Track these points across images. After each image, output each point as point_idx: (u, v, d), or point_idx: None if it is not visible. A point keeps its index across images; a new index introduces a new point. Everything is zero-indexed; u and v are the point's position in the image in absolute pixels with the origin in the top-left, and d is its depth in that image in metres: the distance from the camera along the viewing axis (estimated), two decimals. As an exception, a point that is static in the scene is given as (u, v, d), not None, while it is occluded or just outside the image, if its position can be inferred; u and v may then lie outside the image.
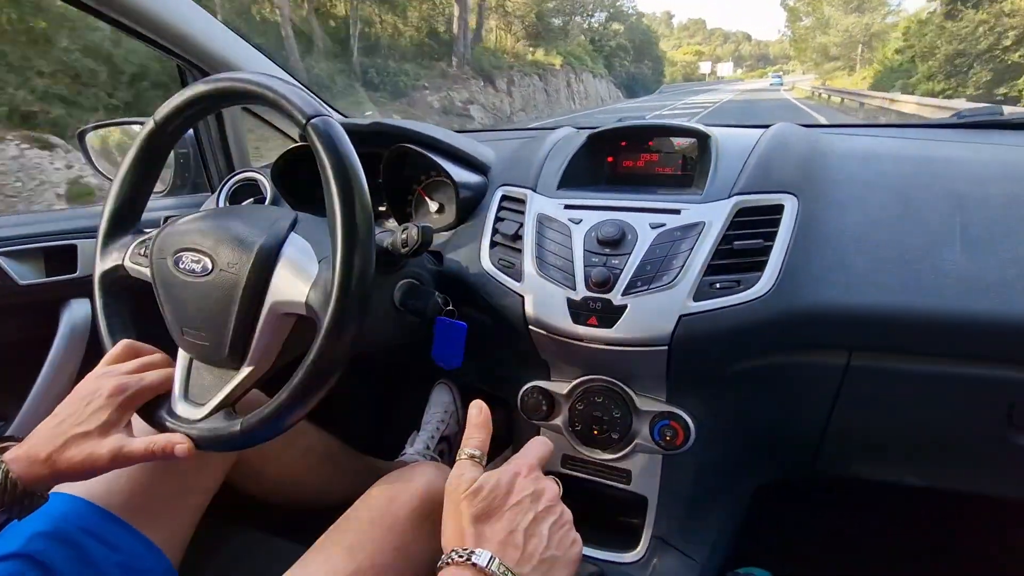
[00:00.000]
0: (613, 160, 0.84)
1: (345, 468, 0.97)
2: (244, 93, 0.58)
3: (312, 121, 0.53)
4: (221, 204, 0.98)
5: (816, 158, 0.72)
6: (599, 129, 0.83)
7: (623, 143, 0.83)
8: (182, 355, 0.61)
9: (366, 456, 1.06)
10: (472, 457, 0.48)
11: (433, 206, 0.89)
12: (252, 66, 1.03)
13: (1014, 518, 0.91)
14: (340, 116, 1.14)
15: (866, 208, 0.66)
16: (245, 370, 0.58)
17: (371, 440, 1.16)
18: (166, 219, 0.68)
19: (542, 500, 0.47)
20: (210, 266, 0.57)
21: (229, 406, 0.58)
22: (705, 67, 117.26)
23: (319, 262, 0.57)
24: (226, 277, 0.56)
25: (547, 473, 0.51)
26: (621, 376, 0.69)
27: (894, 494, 0.79)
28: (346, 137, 0.54)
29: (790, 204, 0.65)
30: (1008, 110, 0.91)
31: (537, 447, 0.51)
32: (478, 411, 0.51)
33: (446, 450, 1.26)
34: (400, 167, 0.90)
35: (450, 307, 0.73)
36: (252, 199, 0.97)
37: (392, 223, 0.92)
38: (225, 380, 0.59)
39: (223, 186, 0.99)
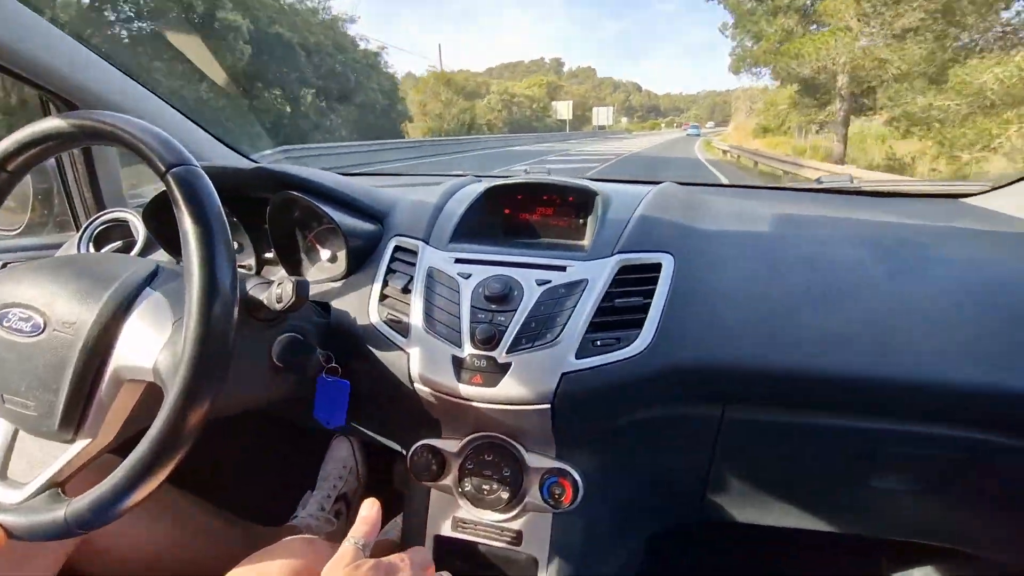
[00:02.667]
0: (510, 212, 0.85)
1: (220, 540, 0.88)
2: (96, 133, 0.52)
3: (173, 170, 0.49)
4: (83, 248, 0.88)
5: (694, 217, 0.77)
6: (496, 183, 0.85)
7: (519, 196, 0.85)
8: (4, 426, 0.53)
9: (251, 524, 0.96)
10: (356, 545, 0.52)
11: (325, 254, 0.86)
12: (130, 101, 0.96)
13: (888, 557, 0.98)
14: (247, 161, 1.08)
15: (736, 267, 0.70)
16: (81, 443, 0.51)
17: (259, 503, 1.06)
18: (3, 266, 0.60)
19: None
20: (41, 324, 0.51)
21: (57, 486, 0.50)
22: (563, 109, 62.75)
23: (173, 323, 0.52)
24: (60, 337, 0.50)
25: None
26: (510, 433, 0.68)
27: (783, 536, 0.83)
28: (211, 188, 0.50)
29: (667, 263, 0.68)
30: (856, 179, 1.03)
31: (419, 555, 0.56)
32: (370, 506, 0.56)
33: (343, 511, 1.18)
34: (290, 214, 0.86)
35: (333, 364, 0.69)
36: (121, 242, 0.88)
37: (281, 272, 0.87)
38: (55, 455, 0.51)
39: (86, 228, 0.89)
